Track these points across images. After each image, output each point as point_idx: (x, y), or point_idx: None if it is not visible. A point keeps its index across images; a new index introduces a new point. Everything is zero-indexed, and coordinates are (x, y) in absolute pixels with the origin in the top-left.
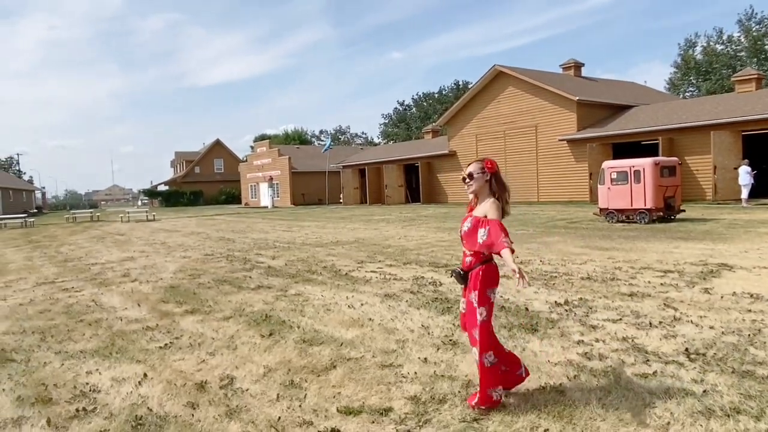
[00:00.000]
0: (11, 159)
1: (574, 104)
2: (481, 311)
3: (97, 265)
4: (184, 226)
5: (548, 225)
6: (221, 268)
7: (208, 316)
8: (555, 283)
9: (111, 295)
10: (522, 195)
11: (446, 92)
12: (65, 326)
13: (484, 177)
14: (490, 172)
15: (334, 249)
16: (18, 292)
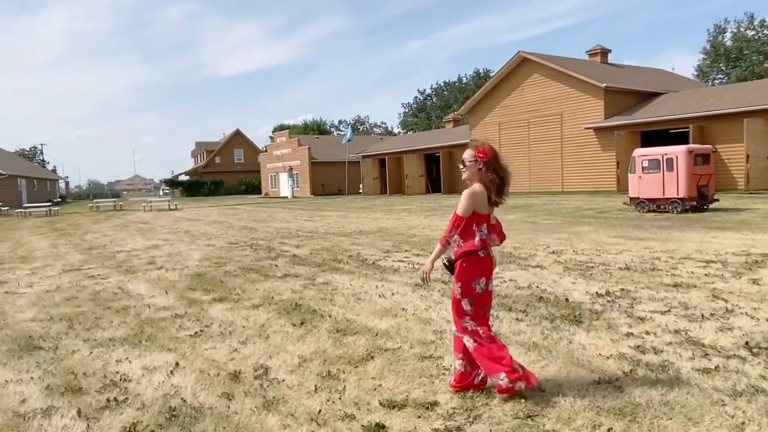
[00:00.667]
0: (35, 149)
1: (601, 91)
2: (465, 302)
3: (122, 252)
4: (206, 216)
5: (576, 215)
6: (246, 257)
7: (236, 305)
8: (592, 274)
9: (137, 282)
10: (546, 185)
11: (467, 81)
12: (92, 313)
13: (476, 165)
14: (482, 162)
15: (358, 238)
16: (44, 279)
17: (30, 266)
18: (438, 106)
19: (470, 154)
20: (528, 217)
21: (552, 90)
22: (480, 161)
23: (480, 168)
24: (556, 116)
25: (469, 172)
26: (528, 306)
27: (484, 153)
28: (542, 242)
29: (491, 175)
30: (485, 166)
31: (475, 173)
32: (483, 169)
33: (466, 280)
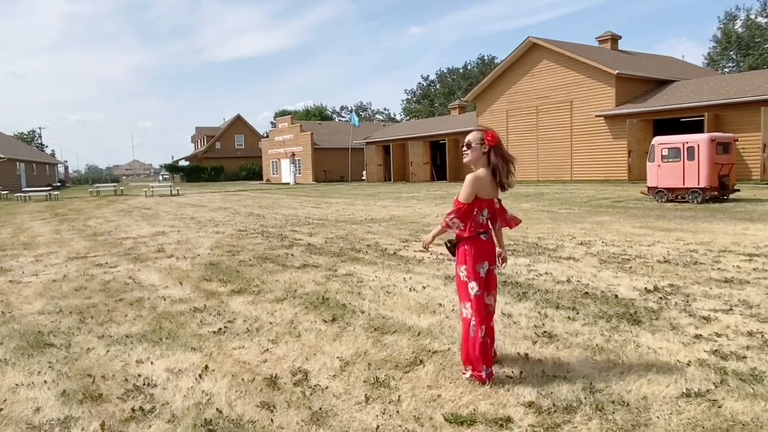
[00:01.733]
0: (33, 132)
1: (612, 78)
2: (472, 285)
3: (128, 239)
4: (209, 201)
5: (592, 204)
6: (259, 245)
7: (258, 297)
8: (632, 267)
9: (148, 271)
10: (554, 173)
11: (471, 67)
12: (104, 306)
13: (482, 149)
14: (489, 145)
15: (371, 226)
16: (50, 267)
17: (34, 253)
18: (442, 93)
19: (477, 137)
20: (543, 206)
21: (562, 76)
22: (487, 144)
23: (485, 152)
24: (565, 103)
25: (473, 155)
26: (575, 303)
27: (492, 137)
28: (566, 232)
29: (499, 159)
30: (493, 150)
31: (480, 157)
32: (490, 153)
33: (471, 263)
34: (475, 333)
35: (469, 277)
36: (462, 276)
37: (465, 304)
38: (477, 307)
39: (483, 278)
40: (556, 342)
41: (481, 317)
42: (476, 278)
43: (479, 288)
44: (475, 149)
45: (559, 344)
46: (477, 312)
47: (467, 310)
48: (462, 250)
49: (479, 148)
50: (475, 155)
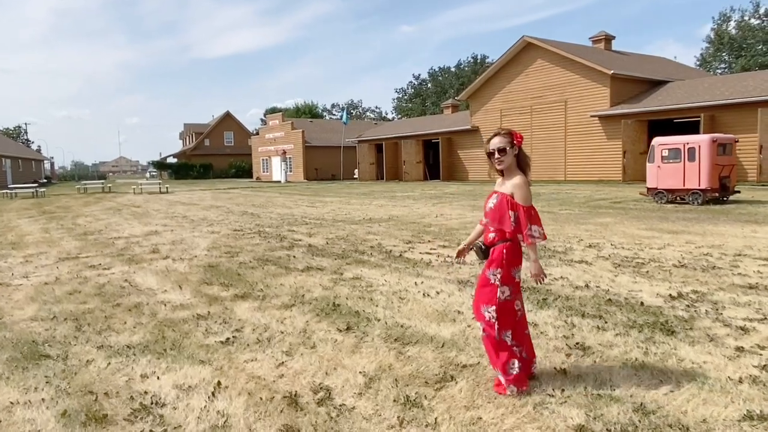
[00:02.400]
0: (19, 128)
1: (607, 78)
2: (504, 290)
3: (120, 239)
4: (200, 200)
5: (591, 205)
6: (257, 246)
7: (264, 303)
8: (648, 272)
9: (144, 274)
10: (548, 173)
11: (464, 66)
12: (101, 312)
13: (513, 152)
14: (519, 146)
15: (371, 227)
16: (40, 268)
17: (23, 253)
18: (434, 92)
19: (507, 141)
20: (541, 207)
21: (556, 76)
22: (517, 146)
23: (517, 153)
24: (560, 103)
25: (507, 160)
26: (600, 310)
27: (521, 137)
28: (571, 234)
29: (525, 160)
30: (521, 150)
31: (512, 160)
32: (520, 154)
33: (507, 267)
34: (500, 337)
35: (503, 281)
36: (493, 279)
37: (488, 308)
38: (501, 311)
39: (517, 282)
40: (592, 355)
41: (505, 321)
42: (510, 282)
43: (511, 293)
44: (509, 154)
45: (595, 357)
46: (501, 316)
47: (490, 313)
48: (500, 253)
49: (511, 152)
50: (509, 159)
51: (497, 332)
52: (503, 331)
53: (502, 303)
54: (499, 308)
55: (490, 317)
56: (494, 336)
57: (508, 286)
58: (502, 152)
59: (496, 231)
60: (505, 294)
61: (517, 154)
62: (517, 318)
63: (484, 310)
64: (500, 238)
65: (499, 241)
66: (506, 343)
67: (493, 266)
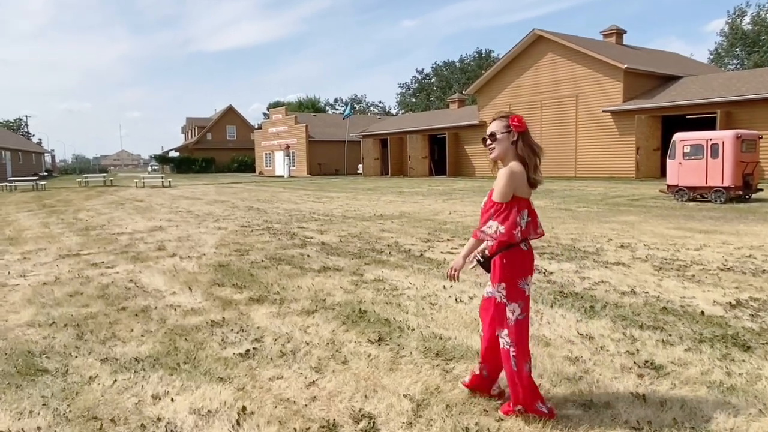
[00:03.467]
0: (20, 120)
1: (621, 73)
2: (513, 308)
3: (124, 234)
4: (203, 194)
5: (609, 202)
6: (268, 243)
7: (282, 308)
8: (694, 276)
9: (151, 273)
10: (558, 169)
11: (469, 61)
12: (105, 317)
13: (510, 138)
14: (517, 132)
15: (383, 223)
16: (39, 266)
17: (20, 250)
18: (438, 87)
19: (501, 125)
20: (558, 204)
21: (568, 70)
22: (515, 131)
23: (514, 140)
24: (571, 98)
25: (500, 147)
26: (658, 321)
27: (519, 121)
28: (597, 233)
29: (527, 149)
30: (521, 137)
31: (508, 148)
32: (519, 142)
33: (512, 280)
34: (519, 367)
35: (510, 298)
36: (499, 297)
37: (502, 332)
38: (517, 335)
39: (528, 297)
40: (667, 376)
41: (523, 348)
42: (519, 298)
43: (522, 311)
44: (501, 140)
45: (672, 379)
46: (517, 341)
47: (505, 338)
48: (499, 264)
49: (506, 138)
50: (503, 147)
51: (514, 362)
52: (523, 363)
53: (515, 324)
54: (513, 331)
55: (504, 344)
56: (513, 369)
57: (518, 302)
58: (492, 138)
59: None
60: (516, 313)
61: (516, 141)
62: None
63: (500, 336)
64: (499, 245)
65: (498, 250)
66: (526, 374)
67: (495, 281)
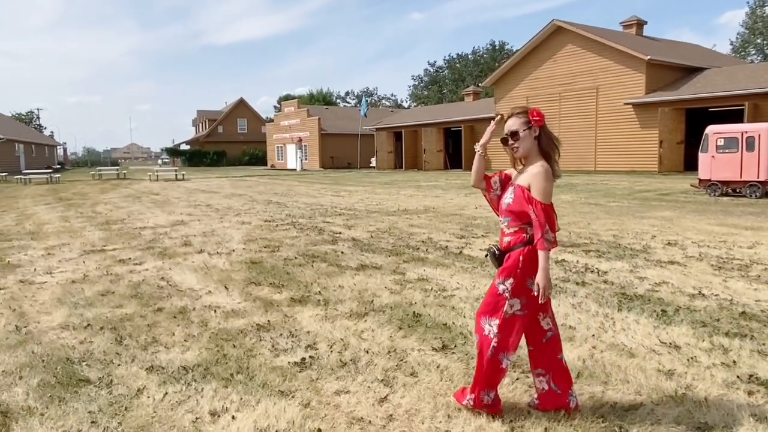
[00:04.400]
0: (32, 113)
1: (643, 64)
2: (513, 303)
3: (146, 229)
4: (219, 187)
5: (638, 197)
6: (296, 239)
7: (329, 310)
8: (759, 276)
9: (181, 270)
10: (577, 163)
11: (482, 53)
12: (141, 318)
13: (532, 134)
14: (538, 126)
15: (410, 218)
16: (64, 262)
17: (43, 244)
18: (451, 79)
19: (521, 122)
20: (586, 198)
21: (588, 62)
22: (536, 126)
23: (537, 136)
24: (591, 90)
25: (524, 145)
26: (742, 327)
27: (539, 115)
28: (637, 229)
29: (549, 142)
30: (542, 131)
31: (532, 144)
32: (542, 136)
33: (522, 277)
34: (494, 356)
35: (514, 293)
36: (501, 289)
37: (491, 321)
38: (505, 328)
39: (535, 297)
40: None
41: (506, 341)
42: (523, 294)
43: (523, 308)
44: (525, 137)
45: None
46: (503, 333)
47: (491, 327)
48: (515, 260)
49: (529, 134)
50: (527, 144)
51: (492, 350)
52: (501, 353)
53: (508, 319)
54: (503, 324)
55: (489, 331)
56: (488, 355)
57: (520, 299)
58: (514, 137)
59: (515, 233)
60: (514, 308)
61: (538, 136)
62: (545, 340)
63: (485, 323)
64: (518, 241)
65: (517, 246)
66: (500, 365)
67: (503, 275)
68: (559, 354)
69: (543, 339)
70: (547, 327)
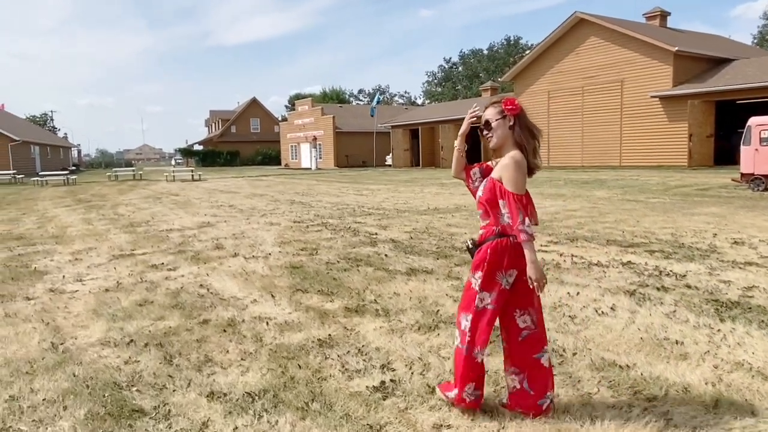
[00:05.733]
0: (45, 115)
1: (670, 56)
2: (483, 297)
3: (173, 231)
4: (238, 188)
5: (677, 193)
6: (332, 241)
7: (392, 322)
8: None
9: (219, 276)
10: (601, 158)
11: (497, 48)
12: (188, 332)
13: (506, 123)
14: (512, 115)
15: (444, 217)
16: (94, 268)
17: (69, 249)
18: (465, 75)
19: (495, 112)
20: (621, 195)
21: (612, 54)
22: (510, 115)
23: (511, 125)
24: (615, 83)
25: (498, 134)
26: None
27: (513, 104)
28: (692, 227)
29: (525, 132)
30: (517, 121)
31: (506, 134)
32: (516, 126)
33: (490, 270)
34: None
35: (482, 286)
36: (474, 283)
37: (466, 315)
38: (476, 322)
39: (504, 290)
40: None
41: (479, 336)
42: (492, 288)
43: (491, 301)
44: (497, 127)
45: None
46: (474, 328)
47: (467, 322)
48: (483, 253)
49: (503, 124)
50: (500, 134)
51: (467, 346)
52: (475, 348)
53: (479, 312)
54: (475, 318)
55: (465, 326)
56: (464, 351)
57: (489, 293)
58: (487, 126)
59: (485, 226)
60: (485, 302)
61: (513, 125)
62: (520, 338)
63: (462, 318)
64: (488, 234)
65: (487, 238)
66: (476, 362)
67: (474, 268)
68: (537, 353)
69: (519, 337)
70: (523, 325)
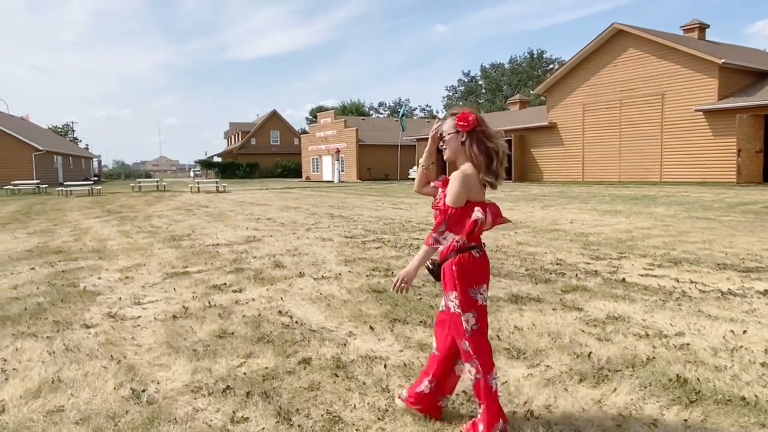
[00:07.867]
0: (67, 126)
1: (716, 69)
2: (468, 318)
3: (220, 246)
4: (266, 200)
5: (742, 210)
6: (401, 260)
7: (535, 367)
8: None
9: (295, 301)
10: (640, 173)
11: (519, 62)
12: (291, 376)
13: (458, 138)
14: (464, 131)
15: (508, 235)
16: (149, 289)
17: (115, 266)
18: (487, 89)
19: (450, 125)
20: (686, 212)
21: (652, 67)
22: (462, 131)
23: (463, 140)
24: (656, 96)
25: (450, 147)
26: None
27: (465, 120)
28: None
29: (475, 149)
30: (469, 136)
31: (458, 148)
32: (467, 142)
33: (463, 288)
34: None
35: (463, 307)
36: (453, 307)
37: (463, 344)
38: (476, 345)
39: (483, 306)
40: None
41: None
42: (472, 307)
43: (477, 321)
44: (450, 140)
45: None
46: (478, 352)
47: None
48: (449, 272)
49: (455, 138)
50: (452, 147)
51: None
52: (489, 374)
53: (472, 336)
54: (472, 343)
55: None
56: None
57: (471, 312)
58: (440, 138)
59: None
60: (471, 323)
61: (464, 141)
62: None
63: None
64: (450, 250)
65: (449, 255)
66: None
67: (446, 289)
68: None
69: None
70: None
